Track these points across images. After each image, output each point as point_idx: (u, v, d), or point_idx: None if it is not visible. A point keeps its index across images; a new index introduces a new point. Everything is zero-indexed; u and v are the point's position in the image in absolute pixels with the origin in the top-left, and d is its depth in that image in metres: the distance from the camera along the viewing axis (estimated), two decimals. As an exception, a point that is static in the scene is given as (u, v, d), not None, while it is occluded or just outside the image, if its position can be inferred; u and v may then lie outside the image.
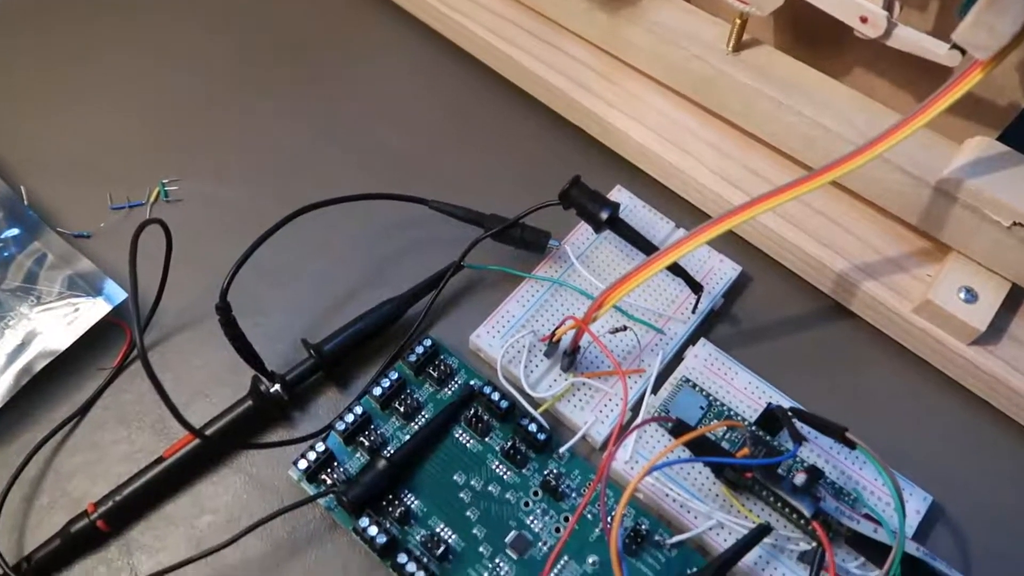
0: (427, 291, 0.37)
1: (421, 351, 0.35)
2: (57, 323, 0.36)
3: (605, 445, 0.34)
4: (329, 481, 0.32)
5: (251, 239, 0.32)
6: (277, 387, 0.34)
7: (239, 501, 0.33)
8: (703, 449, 0.31)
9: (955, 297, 0.35)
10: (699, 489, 0.33)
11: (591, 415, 0.34)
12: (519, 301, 0.37)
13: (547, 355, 0.35)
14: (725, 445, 0.33)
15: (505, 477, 0.33)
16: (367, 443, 0.33)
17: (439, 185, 0.40)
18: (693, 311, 0.37)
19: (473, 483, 0.33)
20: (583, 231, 0.39)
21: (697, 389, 0.35)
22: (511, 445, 0.33)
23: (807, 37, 0.40)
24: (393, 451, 0.33)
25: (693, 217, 0.41)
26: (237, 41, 0.48)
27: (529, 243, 0.38)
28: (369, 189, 0.37)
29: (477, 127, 0.45)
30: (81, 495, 0.33)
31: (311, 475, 0.32)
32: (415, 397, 0.34)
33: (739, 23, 0.37)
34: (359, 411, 0.33)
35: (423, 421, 0.34)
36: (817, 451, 0.34)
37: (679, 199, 0.42)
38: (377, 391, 0.34)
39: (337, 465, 0.33)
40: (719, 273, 0.38)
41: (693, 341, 0.36)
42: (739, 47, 0.38)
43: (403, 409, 0.34)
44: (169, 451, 0.33)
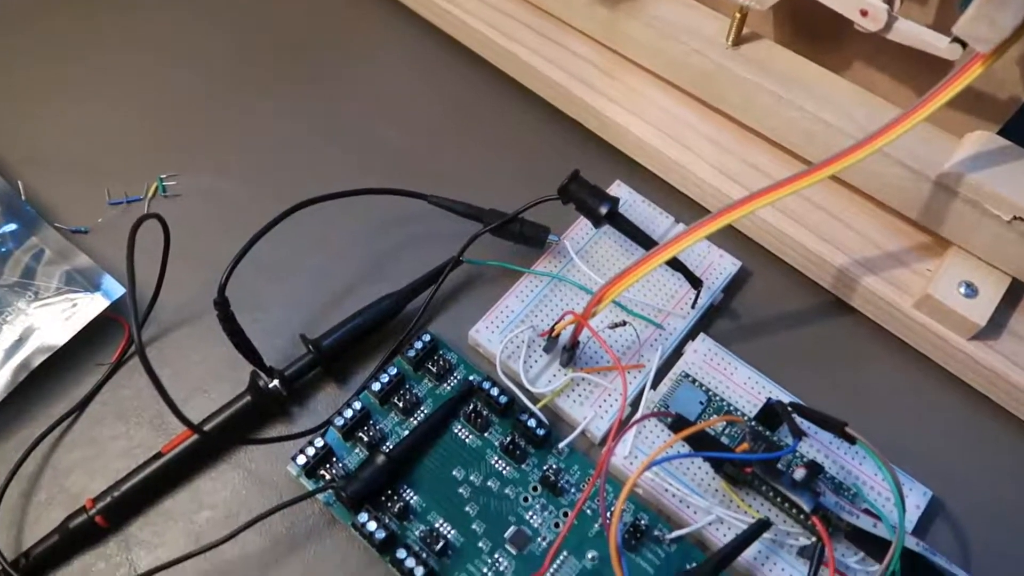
0: (426, 286, 0.37)
1: (420, 346, 0.35)
2: (55, 318, 0.36)
3: (604, 440, 0.34)
4: (328, 476, 0.32)
5: (249, 234, 0.32)
6: (276, 382, 0.34)
7: (238, 497, 0.33)
8: (703, 444, 0.31)
9: (955, 292, 0.35)
10: (698, 484, 0.32)
11: (590, 410, 0.34)
12: (518, 296, 0.37)
13: (546, 350, 0.35)
14: (725, 440, 0.33)
15: (504, 472, 0.33)
16: (366, 438, 0.33)
17: (438, 180, 0.40)
18: (693, 306, 0.37)
19: (472, 478, 0.33)
20: (582, 226, 0.39)
21: (697, 384, 0.35)
22: (510, 440, 0.33)
23: (807, 31, 0.39)
24: (392, 446, 0.33)
25: (693, 212, 0.41)
26: (236, 37, 0.48)
27: (528, 238, 0.38)
28: (368, 184, 0.37)
29: (476, 122, 0.45)
30: (79, 491, 0.33)
31: (310, 470, 0.32)
32: (414, 392, 0.34)
33: (739, 17, 0.37)
34: (358, 406, 0.33)
35: (422, 416, 0.34)
36: (817, 446, 0.34)
37: (679, 194, 0.42)
38: (376, 386, 0.34)
39: (336, 460, 0.33)
40: (719, 268, 0.38)
41: (693, 336, 0.36)
42: (739, 41, 0.38)
43: (402, 404, 0.34)
44: (167, 447, 0.33)
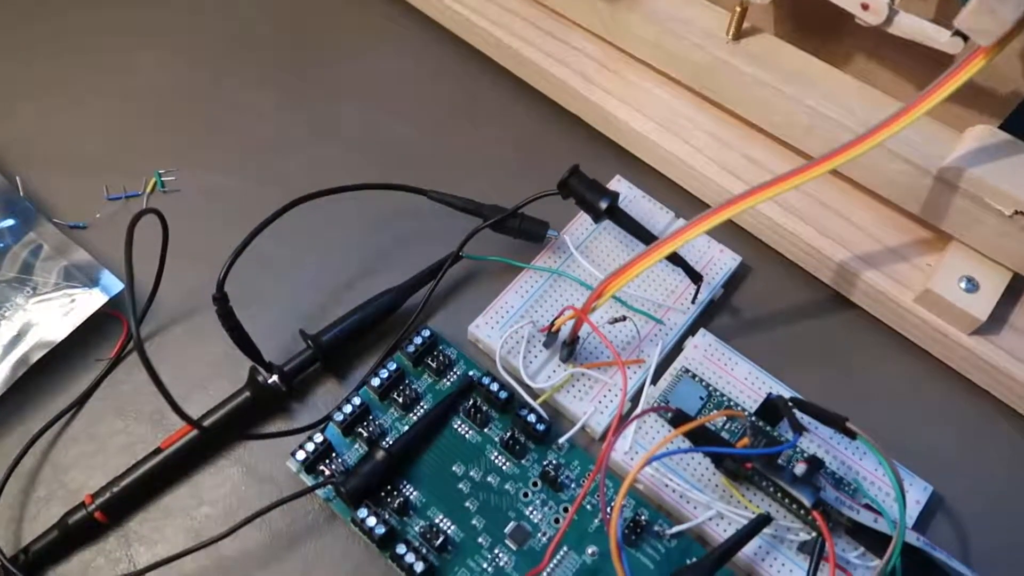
0: (425, 281, 0.37)
1: (420, 342, 0.35)
2: (53, 314, 0.36)
3: (604, 435, 0.34)
4: (327, 472, 0.32)
5: (248, 229, 0.32)
6: (275, 378, 0.34)
7: (237, 492, 0.33)
8: (703, 439, 0.31)
9: (956, 287, 0.35)
10: (699, 479, 0.32)
11: (590, 405, 0.34)
12: (518, 291, 0.37)
13: (546, 346, 0.35)
14: (725, 435, 0.33)
15: (504, 468, 0.33)
16: (365, 434, 0.33)
17: (438, 175, 0.40)
18: (693, 301, 0.37)
19: (472, 474, 0.33)
20: (582, 221, 0.39)
21: (697, 379, 0.35)
22: (510, 436, 0.33)
23: (808, 24, 0.39)
24: (392, 442, 0.33)
25: (693, 207, 0.40)
26: (235, 31, 0.48)
27: (528, 233, 0.38)
28: (368, 179, 0.37)
29: (476, 117, 0.45)
30: (78, 487, 0.33)
31: (309, 466, 0.32)
32: (414, 388, 0.34)
33: (739, 11, 0.37)
34: (357, 402, 0.33)
35: (422, 412, 0.34)
36: (817, 441, 0.33)
37: (679, 189, 0.41)
38: (375, 382, 0.34)
39: (335, 456, 0.33)
40: (719, 263, 0.38)
41: (693, 331, 0.36)
42: (739, 35, 0.38)
43: (402, 400, 0.34)
44: (167, 442, 0.33)
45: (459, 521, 0.32)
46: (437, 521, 0.32)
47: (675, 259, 0.35)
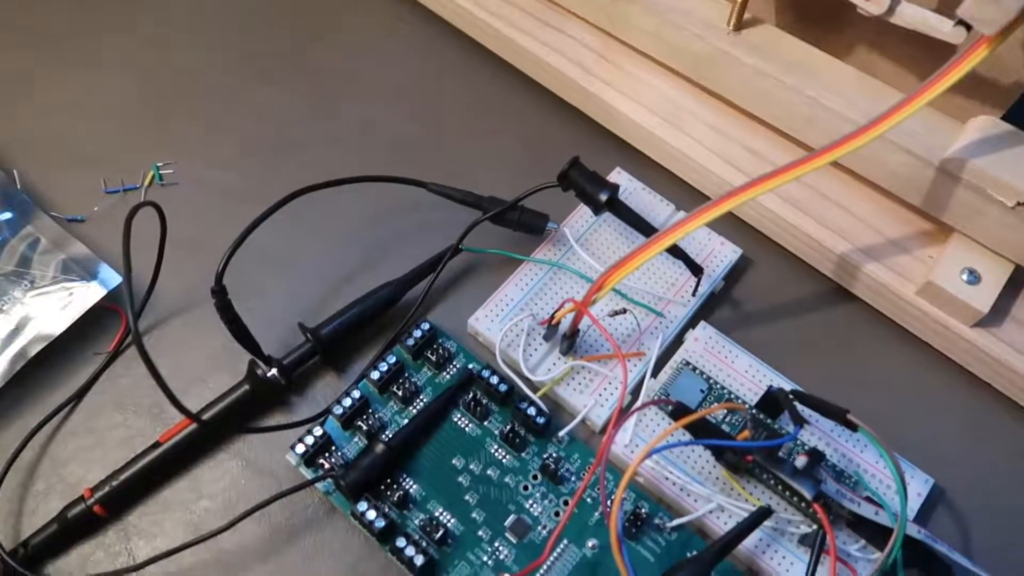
0: (425, 274, 0.37)
1: (419, 335, 0.35)
2: (51, 308, 0.35)
3: (605, 428, 0.34)
4: (327, 465, 0.32)
5: (247, 222, 0.32)
6: (274, 371, 0.34)
7: (236, 486, 0.33)
8: (703, 432, 0.31)
9: (958, 279, 0.35)
10: (699, 472, 0.32)
11: (590, 398, 0.34)
12: (518, 284, 0.37)
13: (546, 338, 0.35)
14: (725, 428, 0.33)
15: (504, 461, 0.33)
16: (365, 427, 0.33)
17: (437, 168, 0.40)
18: (693, 294, 0.37)
19: (472, 467, 0.33)
20: (582, 213, 0.39)
21: (697, 372, 0.35)
22: (510, 429, 0.33)
23: (809, 15, 0.39)
24: (391, 435, 0.33)
25: (693, 199, 0.40)
26: (235, 23, 0.47)
27: (528, 226, 0.38)
28: (367, 171, 0.37)
29: (476, 109, 0.44)
30: (77, 480, 0.33)
31: (309, 459, 0.32)
32: (413, 381, 0.34)
33: (740, 2, 0.37)
34: (357, 395, 0.33)
35: (421, 405, 0.34)
36: (818, 434, 0.33)
37: (679, 181, 0.41)
38: (375, 375, 0.34)
39: (335, 449, 0.33)
40: (719, 256, 0.38)
41: (693, 324, 0.36)
42: (740, 26, 0.38)
43: (401, 393, 0.34)
44: (166, 436, 0.32)
45: (459, 514, 0.32)
46: (437, 514, 0.31)
47: (675, 251, 0.34)
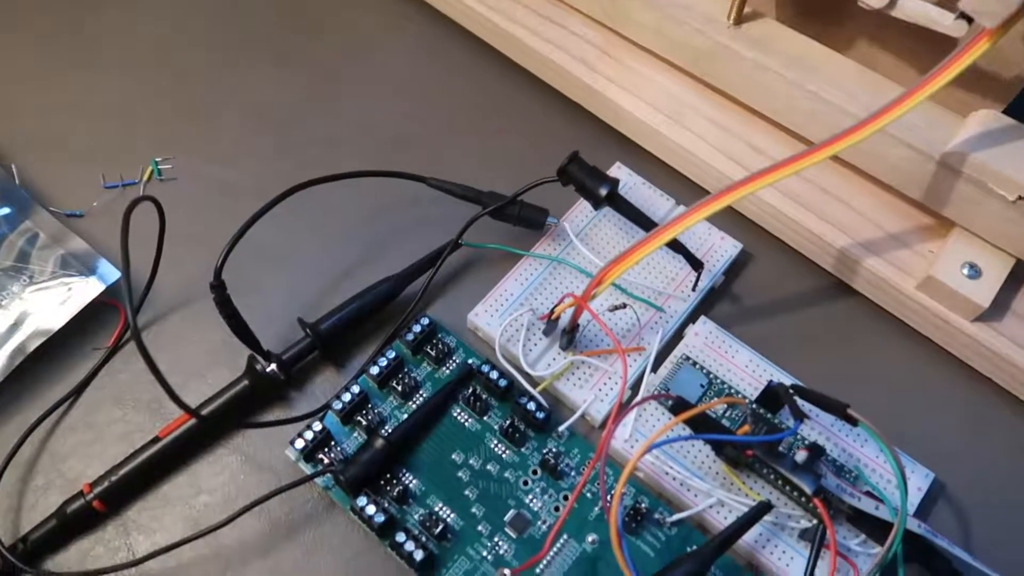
0: (424, 269, 0.37)
1: (419, 330, 0.34)
2: (50, 303, 0.35)
3: (604, 423, 0.34)
4: (326, 460, 0.32)
5: (246, 217, 0.32)
6: (273, 366, 0.33)
7: (236, 481, 0.33)
8: (703, 427, 0.31)
9: (958, 273, 0.35)
10: (699, 467, 0.32)
11: (590, 393, 0.34)
12: (517, 279, 0.37)
13: (546, 333, 0.35)
14: (726, 423, 0.33)
15: (504, 456, 0.33)
16: (365, 422, 0.33)
17: (437, 163, 0.40)
18: (693, 289, 0.37)
19: (472, 462, 0.33)
20: (582, 208, 0.39)
21: (697, 367, 0.35)
22: (510, 424, 0.33)
23: (809, 9, 0.39)
24: (391, 430, 0.33)
25: (693, 194, 0.40)
26: (235, 18, 0.47)
27: (527, 221, 0.37)
28: (366, 166, 0.37)
29: (475, 104, 0.44)
30: (76, 476, 0.33)
31: (308, 454, 0.32)
32: (413, 376, 0.34)
33: (740, -5, 0.37)
34: (356, 390, 0.33)
35: (421, 400, 0.34)
36: (818, 428, 0.33)
37: (679, 176, 0.41)
38: (374, 370, 0.34)
39: (334, 444, 0.32)
40: (720, 250, 0.38)
41: (693, 319, 0.36)
42: (740, 20, 0.38)
43: (401, 388, 0.34)
44: (165, 431, 0.32)
45: (459, 509, 0.31)
46: (437, 509, 0.31)
47: (676, 246, 0.34)
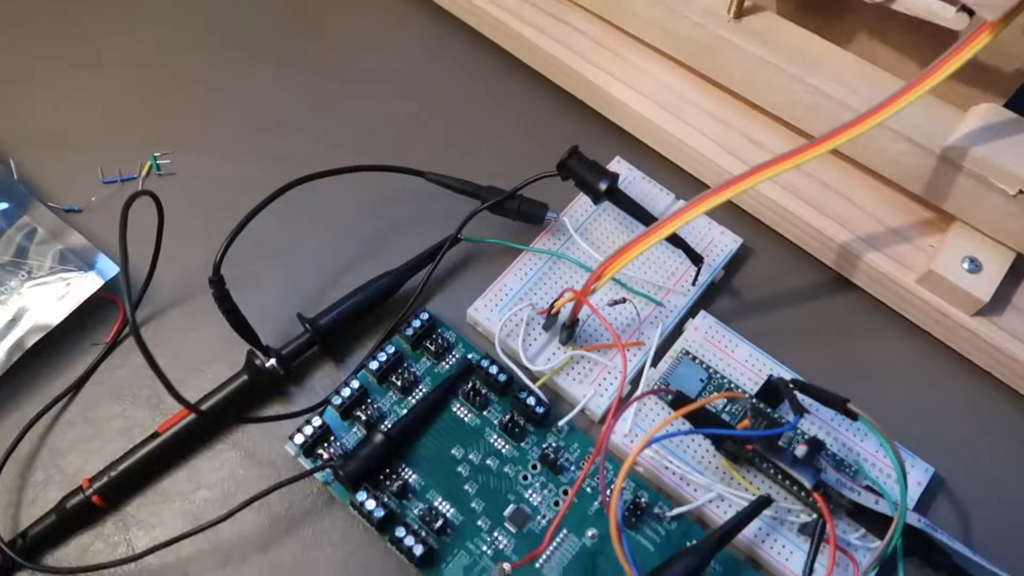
0: (424, 264, 0.37)
1: (418, 325, 0.34)
2: (49, 298, 0.35)
3: (604, 418, 0.34)
4: (326, 456, 0.32)
5: (245, 212, 0.32)
6: (273, 361, 0.33)
7: (235, 476, 0.33)
8: (703, 421, 0.31)
9: (959, 267, 0.34)
10: (699, 461, 0.32)
11: (590, 388, 0.34)
12: (517, 274, 0.37)
13: (545, 328, 0.35)
14: (725, 417, 0.33)
15: (503, 451, 0.33)
16: (364, 417, 0.33)
17: (436, 157, 0.40)
18: (693, 283, 0.37)
19: (471, 457, 0.33)
20: (582, 202, 0.39)
21: (697, 362, 0.35)
22: (509, 419, 0.33)
23: (810, 2, 0.39)
24: (390, 425, 0.33)
25: (693, 188, 0.40)
26: (233, 12, 0.47)
27: (527, 215, 0.37)
28: (365, 161, 0.37)
29: (475, 98, 0.44)
30: (76, 471, 0.33)
31: (308, 449, 0.32)
32: (412, 371, 0.34)
33: (740, -11, 0.37)
34: (356, 385, 0.33)
35: (420, 395, 0.34)
36: (818, 423, 0.33)
37: (679, 170, 0.41)
38: (374, 365, 0.33)
39: (334, 439, 0.32)
40: (720, 245, 0.38)
41: (693, 313, 0.36)
42: (741, 14, 0.37)
43: (400, 383, 0.33)
44: (164, 426, 0.32)
45: (458, 504, 0.31)
46: (436, 504, 0.31)
47: (675, 240, 0.34)
